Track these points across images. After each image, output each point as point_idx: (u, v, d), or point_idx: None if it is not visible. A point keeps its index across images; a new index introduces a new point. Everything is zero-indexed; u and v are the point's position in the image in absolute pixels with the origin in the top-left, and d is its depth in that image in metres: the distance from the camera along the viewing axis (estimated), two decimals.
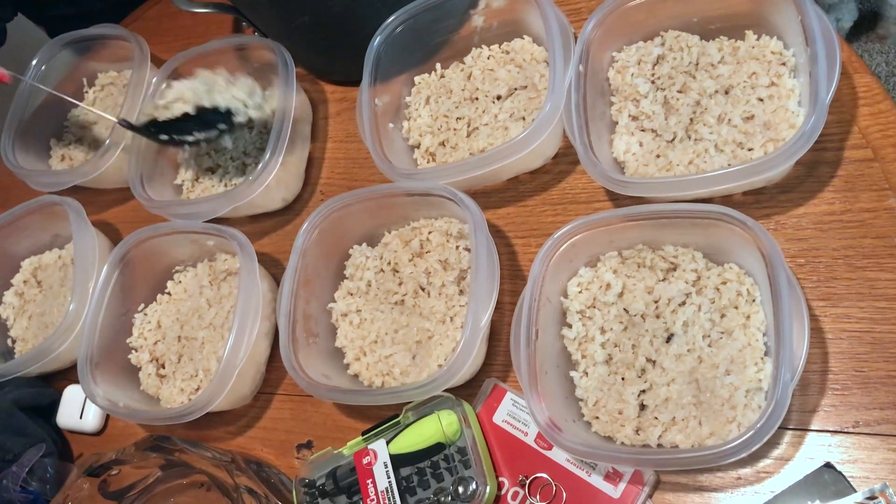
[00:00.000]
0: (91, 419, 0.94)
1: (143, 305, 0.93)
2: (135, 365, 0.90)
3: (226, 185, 0.96)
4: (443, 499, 0.68)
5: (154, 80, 1.00)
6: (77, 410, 0.94)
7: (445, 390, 0.70)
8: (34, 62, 1.10)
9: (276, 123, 0.87)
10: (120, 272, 0.90)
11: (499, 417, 0.72)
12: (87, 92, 1.14)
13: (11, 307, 1.03)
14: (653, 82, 0.77)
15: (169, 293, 0.94)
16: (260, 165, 0.86)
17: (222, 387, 0.78)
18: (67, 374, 0.96)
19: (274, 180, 0.87)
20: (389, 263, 0.81)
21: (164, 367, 0.89)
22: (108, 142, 0.97)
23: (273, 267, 0.93)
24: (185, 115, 0.88)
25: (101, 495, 0.81)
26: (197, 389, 0.85)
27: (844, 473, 0.60)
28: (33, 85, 1.04)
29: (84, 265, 0.91)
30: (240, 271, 0.81)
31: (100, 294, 0.89)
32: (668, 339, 0.67)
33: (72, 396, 0.95)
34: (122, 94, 1.06)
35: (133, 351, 0.91)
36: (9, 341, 1.01)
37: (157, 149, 0.97)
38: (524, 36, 0.86)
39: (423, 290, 0.79)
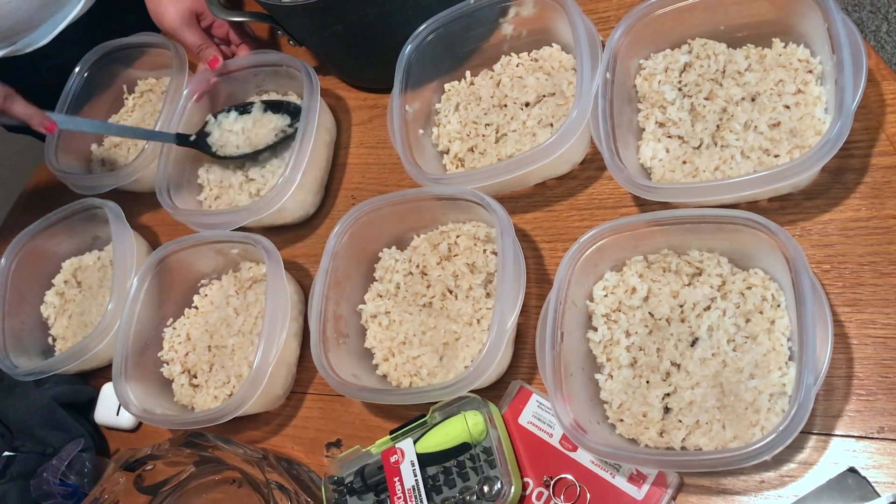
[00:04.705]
0: (127, 416, 0.96)
1: (171, 320, 0.95)
2: (167, 378, 0.92)
3: (249, 195, 0.98)
4: (468, 498, 0.69)
5: (185, 91, 1.02)
6: (114, 408, 0.97)
7: (472, 391, 0.72)
8: (77, 69, 1.14)
9: (297, 141, 0.89)
10: (148, 285, 0.92)
11: (524, 419, 0.73)
12: (126, 98, 1.17)
13: (52, 306, 1.06)
14: (679, 89, 0.77)
15: (196, 307, 0.96)
16: (280, 180, 0.87)
17: (255, 387, 0.79)
18: (105, 373, 0.98)
19: (291, 196, 0.89)
20: (418, 266, 0.83)
21: (196, 377, 0.91)
22: (146, 147, 1.00)
23: (295, 270, 0.95)
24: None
25: (136, 489, 0.83)
26: (230, 395, 0.87)
27: (869, 479, 0.60)
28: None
29: (123, 266, 0.93)
30: (267, 273, 0.83)
31: (129, 309, 0.90)
32: (693, 343, 0.68)
33: (109, 394, 0.97)
34: (161, 101, 1.09)
35: (164, 364, 0.93)
36: (49, 339, 1.04)
37: (184, 156, 1.01)
38: (553, 44, 0.88)
39: (450, 292, 0.80)
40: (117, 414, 0.96)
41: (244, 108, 1.00)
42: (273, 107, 1.00)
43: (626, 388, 0.69)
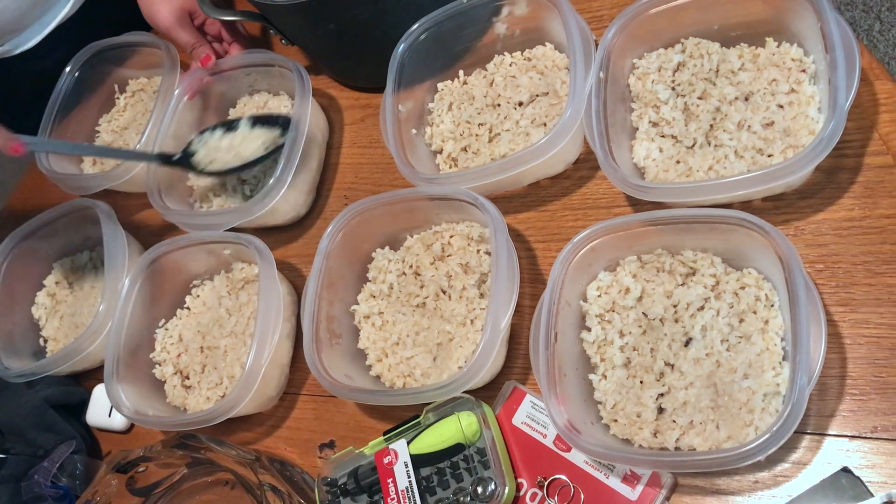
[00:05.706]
0: (119, 418, 0.96)
1: (163, 321, 0.95)
2: (159, 379, 0.92)
3: (242, 196, 0.98)
4: (462, 499, 0.69)
5: (177, 91, 1.01)
6: (105, 409, 0.96)
7: (465, 392, 0.71)
8: (67, 69, 1.13)
9: (289, 142, 0.88)
10: (140, 286, 0.91)
11: (518, 419, 0.73)
12: (118, 98, 1.16)
13: (44, 307, 1.05)
14: (673, 89, 0.77)
15: (188, 308, 0.95)
16: (272, 181, 0.87)
17: (248, 389, 0.79)
18: (97, 374, 0.98)
19: (283, 197, 0.88)
20: (411, 267, 0.83)
21: (188, 379, 0.91)
22: (137, 147, 0.99)
23: (288, 271, 0.94)
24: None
25: (128, 491, 0.83)
26: (222, 397, 0.87)
27: (862, 478, 0.60)
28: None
29: (114, 267, 0.93)
30: (259, 274, 0.83)
31: (121, 310, 0.90)
32: (687, 344, 0.68)
33: (101, 395, 0.97)
34: (153, 100, 1.09)
35: (157, 365, 0.93)
36: (41, 340, 1.04)
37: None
38: (546, 43, 0.87)
39: (444, 293, 0.80)
40: (109, 415, 0.96)
41: (231, 125, 0.96)
42: (262, 121, 0.96)
43: (619, 389, 0.69)
